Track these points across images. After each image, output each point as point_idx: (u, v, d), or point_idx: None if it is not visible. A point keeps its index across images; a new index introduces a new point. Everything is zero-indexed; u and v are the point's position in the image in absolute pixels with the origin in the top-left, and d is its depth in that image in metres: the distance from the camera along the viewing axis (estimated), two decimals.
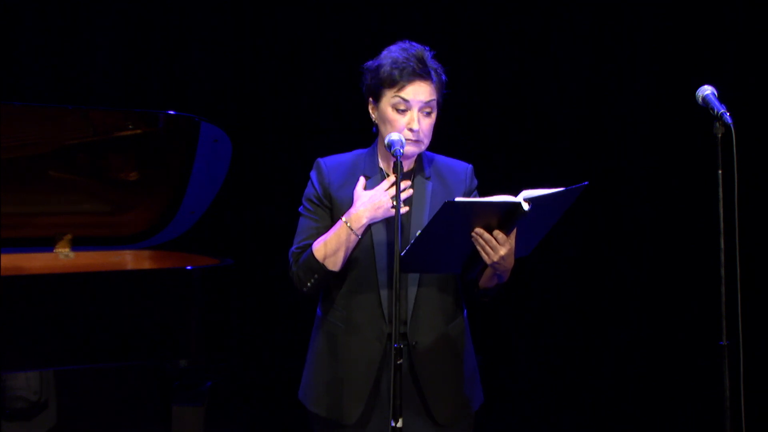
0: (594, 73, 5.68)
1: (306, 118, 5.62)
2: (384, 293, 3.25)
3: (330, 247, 3.23)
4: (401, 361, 3.01)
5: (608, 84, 5.67)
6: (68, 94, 5.35)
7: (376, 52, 3.36)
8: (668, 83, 5.58)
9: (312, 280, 3.28)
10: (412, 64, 3.22)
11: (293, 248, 3.32)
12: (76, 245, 4.54)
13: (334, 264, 3.24)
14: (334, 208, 3.31)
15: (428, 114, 3.25)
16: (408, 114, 3.23)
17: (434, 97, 3.25)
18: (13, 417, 4.47)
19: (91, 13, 5.42)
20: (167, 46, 5.52)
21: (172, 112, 4.41)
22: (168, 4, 5.51)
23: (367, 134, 3.38)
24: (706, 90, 3.28)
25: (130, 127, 4.39)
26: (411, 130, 3.22)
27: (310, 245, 3.27)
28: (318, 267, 3.25)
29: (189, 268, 4.17)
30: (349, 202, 3.27)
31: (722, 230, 3.17)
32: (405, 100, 3.22)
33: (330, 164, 3.34)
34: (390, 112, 3.23)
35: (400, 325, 3.25)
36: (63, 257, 4.51)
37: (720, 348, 3.18)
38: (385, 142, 3.16)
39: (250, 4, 5.59)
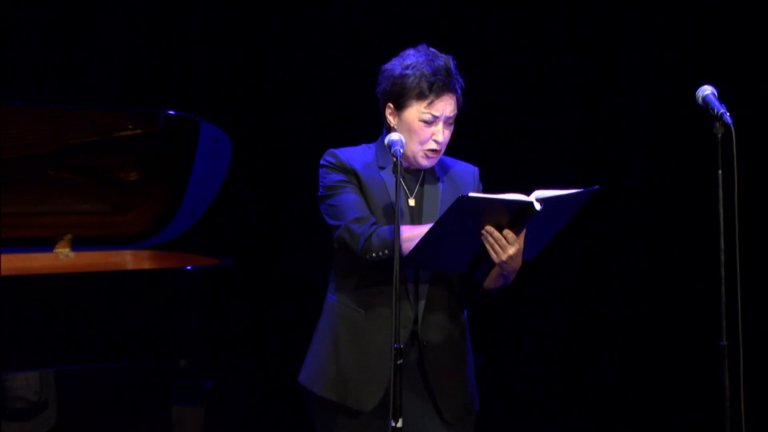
0: (594, 73, 5.67)
1: (306, 118, 5.62)
2: (401, 288, 3.22)
3: (412, 240, 3.13)
4: (401, 361, 3.00)
5: (608, 84, 5.66)
6: (68, 94, 5.35)
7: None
8: (668, 83, 5.58)
9: (382, 253, 3.17)
10: (441, 78, 3.23)
11: (353, 216, 3.21)
12: (76, 245, 4.54)
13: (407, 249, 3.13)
14: (362, 186, 3.28)
15: (450, 125, 3.29)
16: (434, 126, 3.25)
17: (457, 109, 3.28)
18: (13, 417, 4.47)
19: (92, 12, 5.42)
20: (167, 46, 5.52)
21: (172, 112, 4.40)
22: (168, 4, 5.50)
23: (370, 134, 3.38)
24: (706, 90, 3.27)
25: (130, 127, 4.38)
26: (437, 141, 3.25)
27: (371, 218, 3.21)
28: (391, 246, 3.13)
29: (189, 268, 4.17)
30: (373, 185, 3.25)
31: (722, 230, 3.17)
32: (435, 116, 3.24)
33: (345, 151, 3.34)
34: (416, 124, 3.24)
35: (412, 323, 3.26)
36: (63, 257, 4.50)
37: (720, 348, 3.18)
38: (385, 142, 3.16)
39: (250, 3, 5.58)
